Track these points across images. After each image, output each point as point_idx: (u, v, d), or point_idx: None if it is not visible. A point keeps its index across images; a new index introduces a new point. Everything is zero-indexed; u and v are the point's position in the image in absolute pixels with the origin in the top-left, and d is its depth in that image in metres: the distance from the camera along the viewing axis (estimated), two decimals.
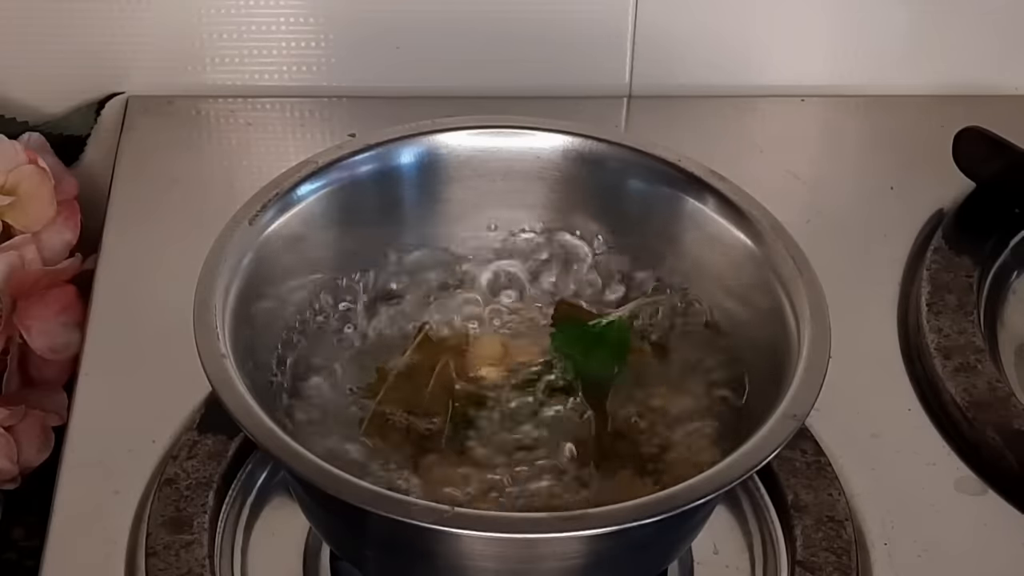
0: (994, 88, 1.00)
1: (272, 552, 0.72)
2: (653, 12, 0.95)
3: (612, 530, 0.58)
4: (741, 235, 0.69)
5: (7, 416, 0.79)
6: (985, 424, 0.75)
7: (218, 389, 0.61)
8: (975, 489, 0.75)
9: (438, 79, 0.97)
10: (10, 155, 0.86)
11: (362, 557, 0.66)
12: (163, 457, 0.73)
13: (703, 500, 0.59)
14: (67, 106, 0.96)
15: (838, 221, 0.89)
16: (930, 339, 0.80)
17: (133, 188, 0.90)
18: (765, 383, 0.65)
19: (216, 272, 0.65)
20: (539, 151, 0.73)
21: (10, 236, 0.84)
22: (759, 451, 0.60)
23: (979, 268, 0.84)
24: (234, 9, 0.94)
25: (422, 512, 0.57)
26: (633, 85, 0.98)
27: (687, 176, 0.71)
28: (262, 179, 0.70)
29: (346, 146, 0.71)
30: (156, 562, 0.68)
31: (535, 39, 0.96)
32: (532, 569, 0.62)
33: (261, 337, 0.67)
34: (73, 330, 0.83)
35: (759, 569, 0.71)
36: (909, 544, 0.72)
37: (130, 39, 0.95)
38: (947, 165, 0.90)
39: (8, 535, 0.79)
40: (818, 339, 0.64)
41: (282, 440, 0.60)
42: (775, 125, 0.98)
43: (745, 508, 0.73)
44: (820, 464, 0.73)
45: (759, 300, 0.68)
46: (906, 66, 0.99)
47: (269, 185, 0.69)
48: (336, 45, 0.96)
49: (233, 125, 0.96)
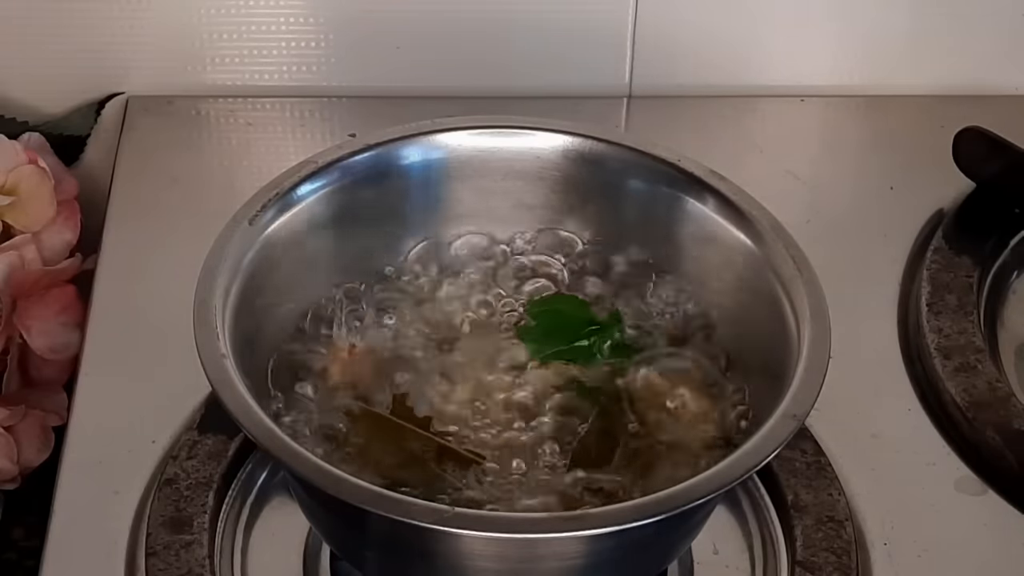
0: (994, 88, 1.00)
1: (272, 552, 0.72)
2: (653, 12, 0.95)
3: (612, 530, 0.58)
4: (741, 235, 0.69)
5: (7, 416, 0.79)
6: (985, 424, 0.75)
7: (218, 389, 0.61)
8: (975, 489, 0.75)
9: (438, 79, 0.97)
10: (10, 155, 0.86)
11: (362, 557, 0.66)
12: (163, 457, 0.73)
13: (703, 500, 0.59)
14: (67, 106, 0.96)
15: (838, 221, 0.89)
16: (930, 339, 0.80)
17: (133, 188, 0.90)
18: (765, 383, 0.65)
19: (216, 272, 0.65)
20: (539, 151, 0.73)
21: (10, 236, 0.84)
22: (759, 451, 0.60)
23: (979, 268, 0.84)
24: (234, 9, 0.94)
25: (422, 512, 0.57)
26: (633, 85, 0.98)
27: (687, 176, 0.71)
28: (262, 179, 0.70)
29: (346, 146, 0.71)
30: (156, 562, 0.68)
31: (535, 39, 0.96)
32: (532, 569, 0.62)
33: (261, 337, 0.67)
34: (73, 330, 0.83)
35: (759, 569, 0.71)
36: (909, 544, 0.72)
37: (130, 39, 0.95)
38: (947, 165, 0.90)
39: (8, 535, 0.79)
40: (818, 339, 0.64)
41: (282, 440, 0.60)
42: (775, 125, 0.98)
43: (745, 508, 0.73)
44: (820, 464, 0.73)
45: (759, 300, 0.68)
46: (906, 66, 0.99)
47: (269, 185, 0.69)
48: (336, 45, 0.96)
49: (233, 125, 0.96)
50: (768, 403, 0.62)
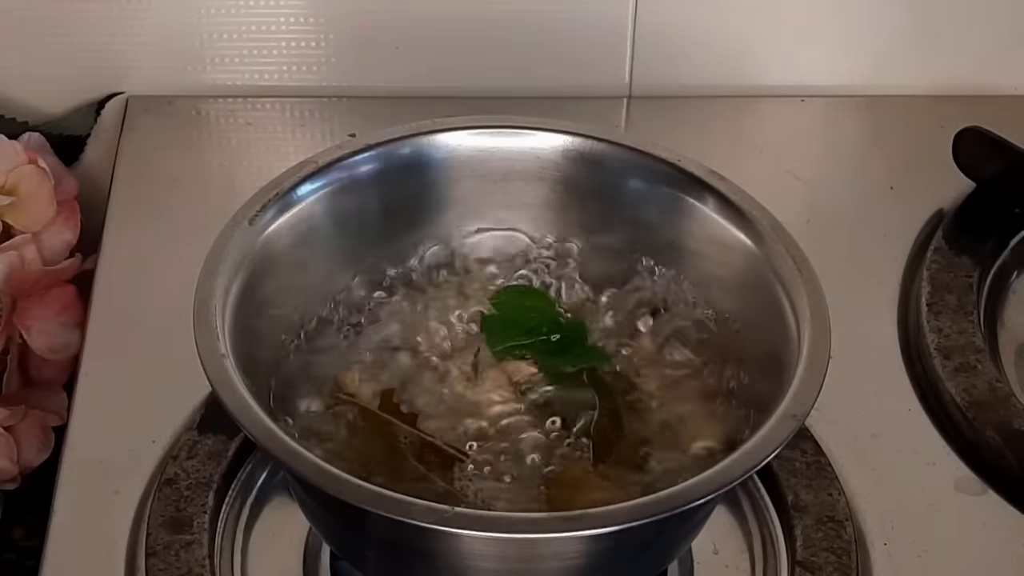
0: (994, 88, 1.00)
1: (272, 552, 0.72)
2: (653, 12, 0.95)
3: (612, 530, 0.58)
4: (741, 235, 0.69)
5: (7, 416, 0.79)
6: (985, 424, 0.75)
7: (218, 389, 0.61)
8: (975, 489, 0.75)
9: (438, 79, 0.97)
10: (10, 155, 0.86)
11: (362, 557, 0.66)
12: (163, 457, 0.73)
13: (703, 500, 0.59)
14: (67, 106, 0.96)
15: (838, 221, 0.89)
16: (930, 339, 0.80)
17: (133, 188, 0.90)
18: (765, 383, 0.65)
19: (216, 272, 0.65)
20: (539, 151, 0.73)
21: (10, 236, 0.84)
22: (759, 451, 0.60)
23: (979, 268, 0.84)
24: (234, 9, 0.94)
25: (422, 512, 0.57)
26: (633, 85, 0.98)
27: (687, 176, 0.71)
28: (262, 179, 0.70)
29: (346, 146, 0.71)
30: (156, 562, 0.68)
31: (535, 39, 0.96)
32: (532, 569, 0.62)
33: (261, 337, 0.67)
34: (73, 330, 0.83)
35: (759, 569, 0.71)
36: (909, 544, 0.72)
37: (130, 39, 0.95)
38: (947, 165, 0.90)
39: (8, 535, 0.79)
40: (818, 339, 0.64)
41: (282, 440, 0.60)
42: (775, 125, 0.98)
43: (745, 508, 0.73)
44: (820, 464, 0.73)
45: (759, 300, 0.68)
46: (906, 66, 0.99)
47: (269, 185, 0.69)
48: (336, 45, 0.96)
49: (233, 125, 0.96)
50: (768, 403, 0.62)
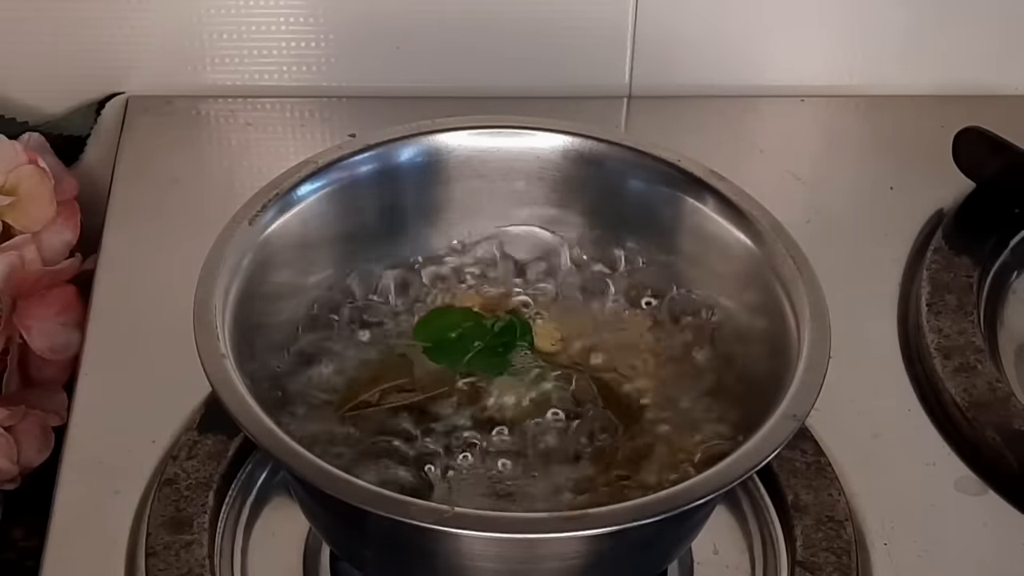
0: (994, 88, 1.00)
1: (272, 552, 0.72)
2: (653, 12, 0.95)
3: (612, 530, 0.58)
4: (741, 235, 0.69)
5: (7, 416, 0.79)
6: (985, 424, 0.75)
7: (218, 389, 0.61)
8: (975, 489, 0.75)
9: (438, 79, 0.97)
10: (10, 155, 0.86)
11: (362, 557, 0.66)
12: (163, 457, 0.73)
13: (703, 500, 0.59)
14: (67, 106, 0.96)
15: (838, 221, 0.89)
16: (930, 339, 0.80)
17: (133, 188, 0.90)
18: (765, 383, 0.65)
19: (216, 272, 0.65)
20: (539, 151, 0.73)
21: (10, 236, 0.84)
22: (759, 451, 0.60)
23: (979, 268, 0.84)
24: (234, 9, 0.94)
25: (422, 512, 0.57)
26: (633, 85, 0.98)
27: (687, 176, 0.71)
28: (262, 179, 0.70)
29: (346, 146, 0.71)
30: (156, 562, 0.68)
31: (535, 39, 0.96)
32: (532, 569, 0.62)
33: (261, 337, 0.67)
34: (73, 330, 0.83)
35: (759, 569, 0.71)
36: (909, 544, 0.72)
37: (130, 39, 0.95)
38: (947, 165, 0.90)
39: (8, 535, 0.79)
40: (818, 339, 0.64)
41: (282, 440, 0.60)
42: (775, 125, 0.98)
43: (745, 508, 0.73)
44: (820, 464, 0.73)
45: (759, 300, 0.68)
46: (906, 66, 0.99)
47: (269, 185, 0.69)
48: (336, 45, 0.96)
49: (233, 125, 0.96)
50: (768, 403, 0.62)
